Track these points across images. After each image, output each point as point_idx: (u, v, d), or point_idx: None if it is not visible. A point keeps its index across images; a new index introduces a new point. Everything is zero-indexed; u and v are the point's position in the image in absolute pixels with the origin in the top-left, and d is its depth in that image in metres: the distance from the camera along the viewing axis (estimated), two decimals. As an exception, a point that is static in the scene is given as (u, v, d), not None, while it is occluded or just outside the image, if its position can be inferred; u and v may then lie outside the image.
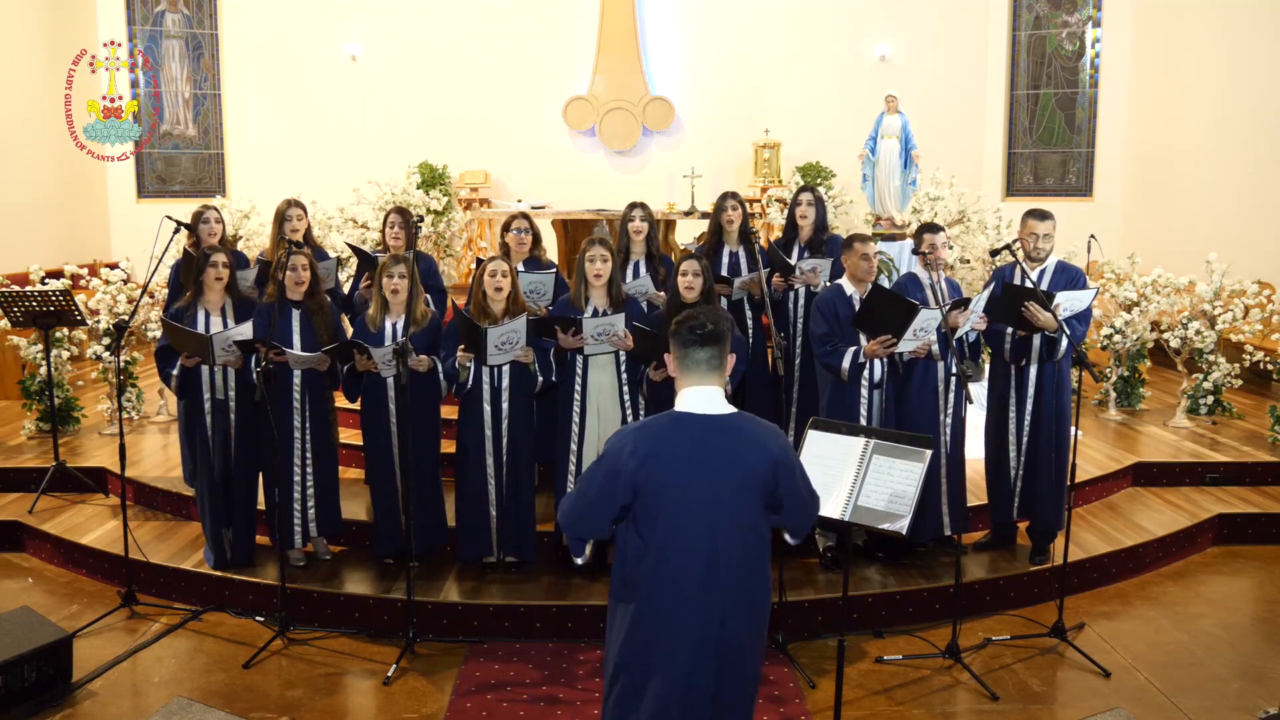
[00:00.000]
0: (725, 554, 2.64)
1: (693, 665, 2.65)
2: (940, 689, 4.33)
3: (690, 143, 11.84)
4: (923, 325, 4.77)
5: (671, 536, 2.63)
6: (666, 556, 2.64)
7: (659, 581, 2.65)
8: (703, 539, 2.62)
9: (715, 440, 2.64)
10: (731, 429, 2.67)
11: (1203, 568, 5.67)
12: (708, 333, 2.67)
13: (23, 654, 4.13)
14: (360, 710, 4.23)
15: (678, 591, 2.64)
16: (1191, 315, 7.54)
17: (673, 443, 2.64)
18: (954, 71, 11.67)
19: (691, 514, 2.62)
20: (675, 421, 2.68)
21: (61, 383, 7.06)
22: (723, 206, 5.83)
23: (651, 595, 2.66)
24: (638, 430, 2.69)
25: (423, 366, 4.92)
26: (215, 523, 5.15)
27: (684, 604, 2.64)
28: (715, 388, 2.71)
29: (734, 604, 2.67)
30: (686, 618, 2.64)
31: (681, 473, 2.61)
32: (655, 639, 2.66)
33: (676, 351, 2.72)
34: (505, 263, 5.00)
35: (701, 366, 2.68)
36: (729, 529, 2.64)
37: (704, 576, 2.63)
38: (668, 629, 2.65)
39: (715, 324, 2.68)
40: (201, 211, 5.85)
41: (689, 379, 2.71)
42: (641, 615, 2.67)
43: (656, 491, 2.62)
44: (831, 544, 5.29)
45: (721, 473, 2.63)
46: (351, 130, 11.77)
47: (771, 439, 2.71)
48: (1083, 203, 11.59)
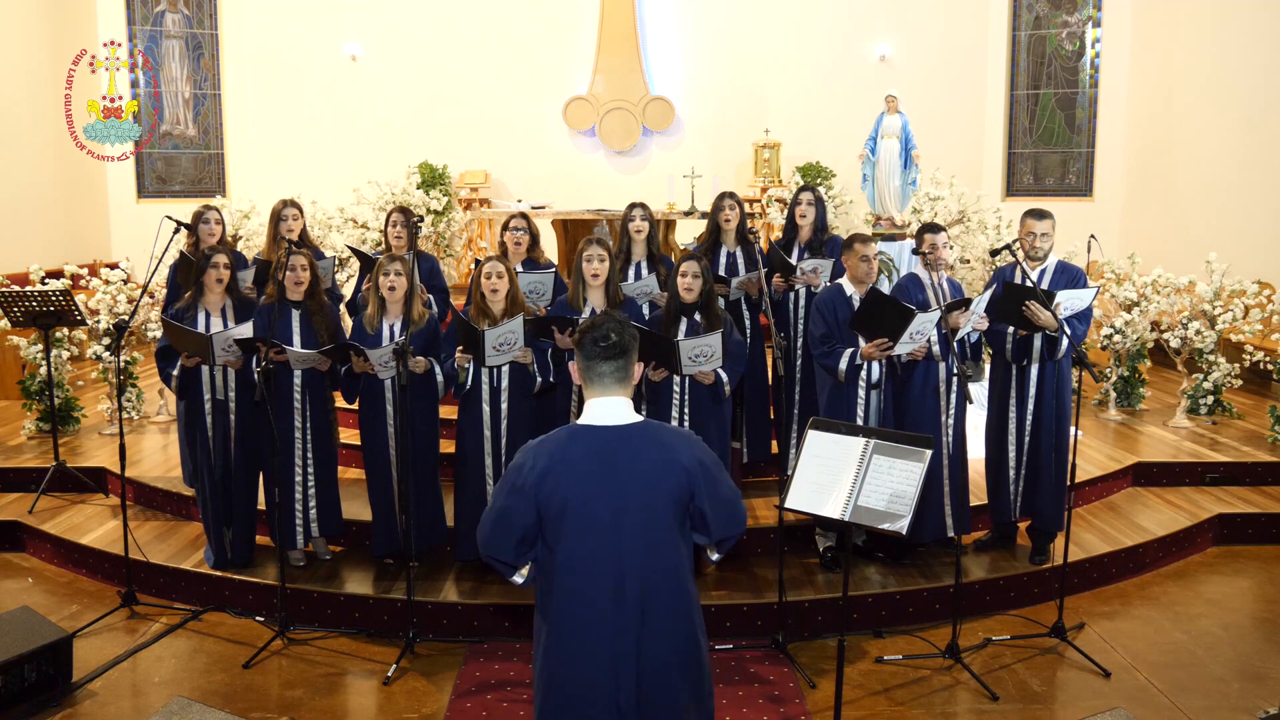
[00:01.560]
0: (635, 570, 2.51)
1: (613, 689, 2.51)
2: (940, 689, 4.33)
3: (690, 143, 11.85)
4: (919, 328, 4.77)
5: (576, 554, 2.51)
6: (573, 574, 2.52)
7: (568, 601, 2.53)
8: (609, 555, 2.50)
9: (618, 451, 2.53)
10: (636, 438, 2.55)
11: (1203, 568, 5.67)
12: (611, 344, 2.56)
13: (23, 654, 4.13)
14: (360, 710, 4.23)
15: (588, 611, 2.52)
16: (1191, 315, 7.54)
17: (571, 456, 2.52)
18: (954, 71, 11.67)
19: (595, 529, 2.50)
20: (573, 435, 2.57)
21: (61, 383, 7.06)
22: (720, 206, 5.84)
23: (562, 615, 2.54)
24: (538, 445, 2.58)
25: (420, 368, 4.91)
26: (215, 523, 5.15)
27: (595, 624, 2.51)
28: (620, 398, 2.60)
29: (652, 623, 2.53)
30: (599, 639, 2.51)
31: (582, 486, 2.50)
32: (572, 661, 2.53)
33: (580, 362, 2.61)
34: (502, 263, 4.99)
35: (606, 379, 2.58)
36: (637, 544, 2.51)
37: (613, 594, 2.50)
38: (582, 651, 2.52)
39: (619, 336, 2.57)
40: (201, 212, 5.86)
41: (593, 390, 2.60)
42: (555, 636, 2.55)
43: (559, 508, 2.50)
44: (831, 544, 5.29)
45: (626, 484, 2.51)
46: (351, 130, 11.78)
47: (683, 447, 2.58)
48: (1083, 203, 11.59)
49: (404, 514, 4.71)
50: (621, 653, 2.52)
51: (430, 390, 5.06)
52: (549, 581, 2.57)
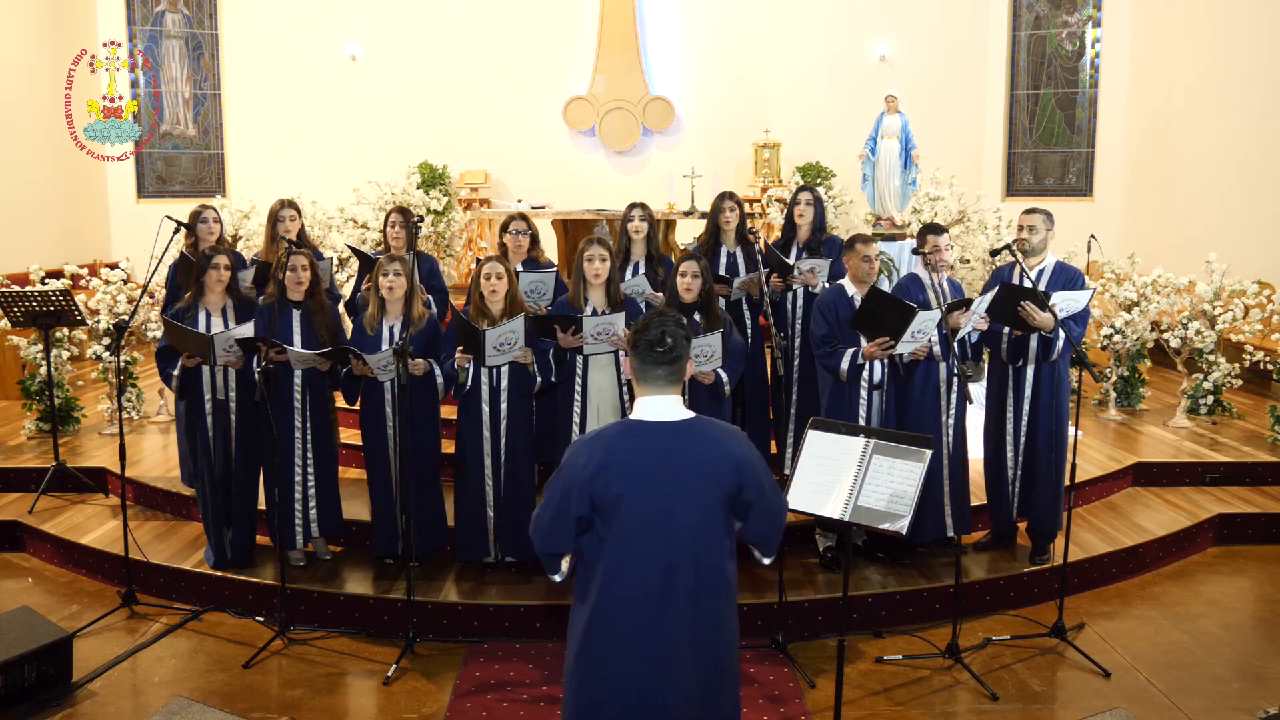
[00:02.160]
0: (684, 562, 2.56)
1: (651, 676, 2.55)
2: (940, 689, 4.33)
3: (690, 143, 11.85)
4: (920, 327, 4.77)
5: (626, 545, 2.56)
6: (622, 564, 2.56)
7: (614, 592, 2.57)
8: (659, 548, 2.55)
9: (670, 446, 2.58)
10: (687, 434, 2.61)
11: (1203, 568, 5.67)
12: (667, 350, 2.61)
13: (23, 654, 4.13)
14: (360, 710, 4.23)
15: (634, 602, 2.56)
16: (1191, 315, 7.54)
17: (625, 450, 2.58)
18: (954, 71, 11.68)
19: (647, 522, 2.55)
20: (628, 429, 2.63)
21: (61, 383, 7.06)
22: (720, 207, 5.84)
23: (607, 606, 2.57)
24: (591, 440, 2.63)
25: (420, 371, 4.91)
26: (215, 523, 5.15)
27: (644, 615, 2.56)
28: (673, 396, 2.65)
29: (702, 615, 2.58)
30: (646, 631, 2.55)
31: (635, 480, 2.55)
32: (616, 648, 2.57)
33: (634, 363, 2.66)
34: (502, 264, 4.99)
35: (660, 380, 2.64)
36: (687, 537, 2.57)
37: (662, 587, 2.55)
38: (624, 641, 2.56)
39: (675, 341, 2.62)
40: (200, 211, 5.86)
41: (646, 389, 2.66)
42: (596, 625, 2.59)
43: (612, 501, 2.55)
44: (831, 544, 5.29)
45: (678, 479, 2.56)
46: (351, 130, 11.78)
47: (732, 443, 2.64)
48: (1083, 203, 11.59)
49: (404, 514, 4.71)
50: (669, 644, 2.57)
51: (430, 390, 5.05)
52: (594, 573, 2.62)
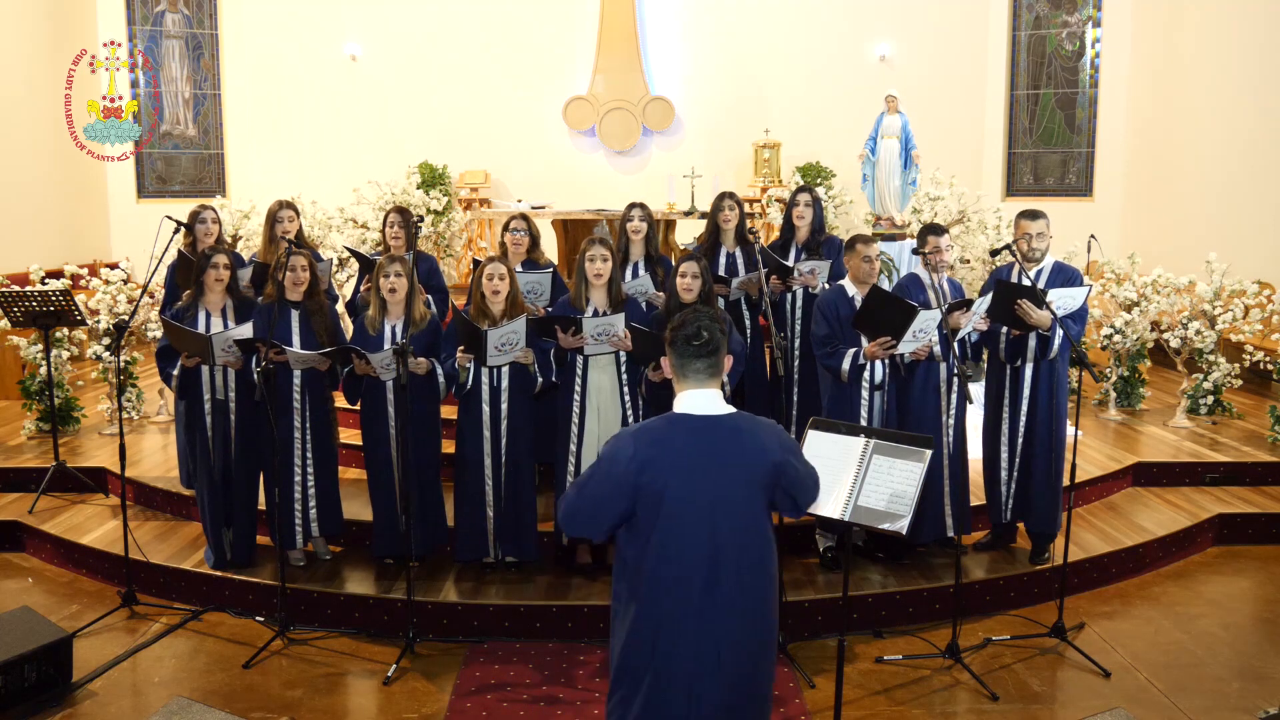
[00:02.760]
0: (727, 556, 2.62)
1: (698, 671, 2.61)
2: (940, 689, 4.33)
3: (690, 143, 11.85)
4: (922, 327, 4.77)
5: (671, 538, 2.61)
6: (667, 559, 2.61)
7: (660, 584, 2.62)
8: (703, 541, 2.61)
9: (714, 441, 2.64)
10: (730, 429, 2.67)
11: (1203, 568, 5.67)
12: (704, 343, 2.66)
13: (23, 654, 4.13)
14: (360, 710, 4.23)
15: (680, 595, 2.61)
16: (1191, 315, 7.53)
17: (671, 444, 2.63)
18: (954, 71, 11.67)
19: (691, 515, 2.60)
20: (673, 423, 2.68)
21: (61, 383, 7.06)
22: (720, 207, 5.84)
23: (653, 598, 2.62)
24: (636, 433, 2.68)
25: (421, 370, 4.91)
26: (215, 523, 5.15)
27: (686, 608, 2.61)
28: (713, 389, 2.71)
29: (739, 607, 2.64)
30: (690, 622, 2.61)
31: (681, 474, 2.60)
32: (658, 643, 2.62)
33: (674, 360, 2.72)
34: (503, 264, 4.99)
35: (701, 374, 2.69)
36: (730, 530, 2.62)
37: (706, 579, 2.61)
38: (670, 633, 2.61)
39: (711, 334, 2.68)
40: (199, 212, 5.87)
41: (686, 384, 2.71)
42: (643, 619, 2.63)
43: (657, 494, 2.60)
44: (831, 544, 5.29)
45: (721, 473, 2.62)
46: (351, 130, 11.78)
47: (771, 438, 2.70)
48: (1083, 203, 11.59)
49: (405, 514, 4.71)
50: (710, 643, 2.62)
51: (431, 390, 5.05)
52: (636, 568, 2.66)
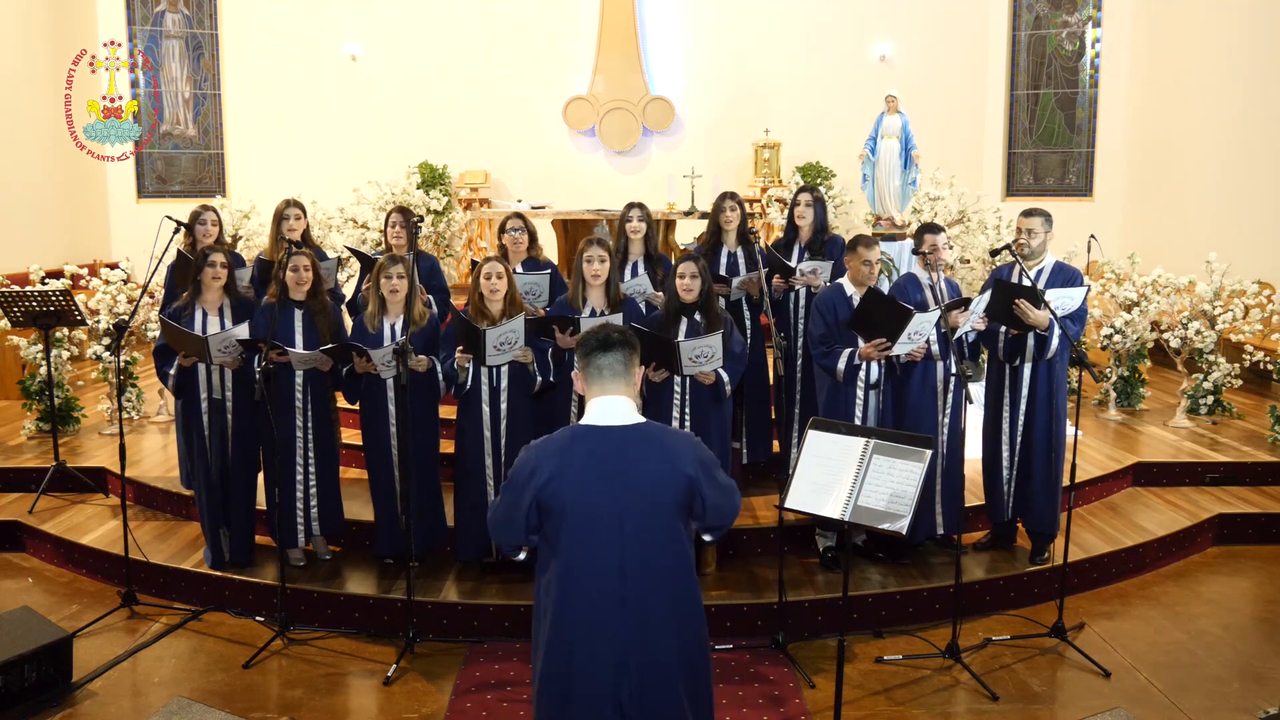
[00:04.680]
0: (636, 570, 2.53)
1: (618, 682, 2.53)
2: (940, 689, 4.33)
3: (690, 143, 11.85)
4: (917, 328, 4.77)
5: (578, 552, 2.53)
6: (575, 573, 2.54)
7: (572, 596, 2.55)
8: (611, 554, 2.52)
9: (620, 453, 2.54)
10: (638, 440, 2.57)
11: (1203, 568, 5.67)
12: (608, 337, 2.59)
13: (23, 654, 4.13)
14: (360, 710, 4.23)
15: (590, 609, 2.53)
16: (1191, 315, 7.53)
17: (574, 459, 2.54)
18: (954, 71, 11.67)
19: (597, 529, 2.52)
20: (576, 435, 2.59)
21: (61, 383, 7.06)
22: (721, 207, 5.84)
23: (564, 612, 2.55)
24: (540, 446, 2.60)
25: (421, 367, 4.92)
26: (213, 523, 5.15)
27: (598, 622, 2.53)
28: (622, 397, 2.61)
29: (654, 621, 2.55)
30: (604, 633, 2.53)
31: (584, 487, 2.52)
32: (573, 656, 2.54)
33: (579, 362, 2.64)
34: (501, 264, 4.99)
35: (604, 373, 2.59)
36: (639, 543, 2.53)
37: (616, 593, 2.52)
38: (586, 645, 2.54)
39: (620, 334, 2.61)
40: (199, 212, 5.87)
41: (594, 389, 2.62)
42: (557, 632, 2.56)
43: (559, 509, 2.52)
44: (831, 544, 5.29)
45: (628, 486, 2.53)
46: (351, 130, 11.78)
47: (684, 449, 2.60)
48: (1083, 203, 11.59)
49: (405, 514, 4.71)
50: (625, 650, 2.53)
51: (431, 390, 5.06)
52: (551, 580, 2.59)
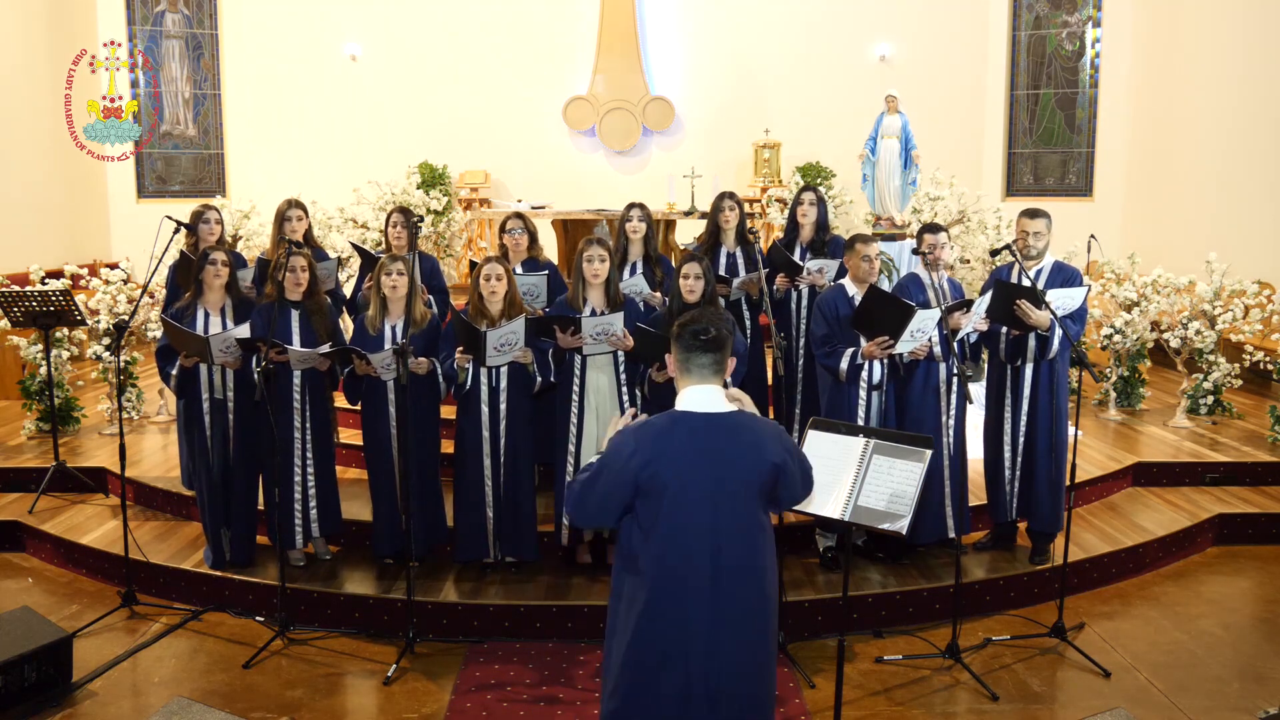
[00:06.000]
0: (729, 551, 2.66)
1: (704, 664, 2.65)
2: (940, 689, 4.33)
3: (690, 143, 11.85)
4: (920, 326, 4.76)
5: (674, 534, 2.65)
6: (670, 555, 2.65)
7: (664, 578, 2.66)
8: (705, 536, 2.64)
9: (716, 439, 2.67)
10: (732, 428, 2.69)
11: (1203, 568, 5.67)
12: (711, 339, 2.70)
13: (23, 654, 4.13)
14: (360, 710, 4.23)
15: (683, 589, 2.65)
16: (1191, 315, 7.53)
17: (673, 441, 2.66)
18: (954, 71, 11.67)
19: (692, 511, 2.64)
20: (675, 420, 2.70)
21: (61, 383, 7.06)
22: (720, 207, 5.84)
23: (657, 592, 2.66)
24: (639, 430, 2.72)
25: (422, 369, 4.91)
26: (214, 523, 5.15)
27: (690, 601, 2.64)
28: (716, 387, 2.74)
29: (740, 600, 2.67)
30: (694, 615, 2.64)
31: (682, 471, 2.63)
32: (663, 636, 2.66)
33: (678, 355, 2.75)
34: (501, 264, 4.99)
35: (705, 370, 2.72)
36: (731, 526, 2.66)
37: (709, 573, 2.64)
38: (675, 627, 2.65)
39: (718, 330, 2.72)
40: (201, 211, 5.86)
41: (689, 380, 2.75)
42: (648, 613, 2.67)
43: (659, 490, 2.64)
44: (831, 544, 5.29)
45: (722, 471, 2.65)
46: (351, 130, 11.78)
47: (772, 440, 2.72)
48: (1083, 203, 11.59)
49: (405, 514, 4.71)
50: (715, 635, 2.65)
51: (431, 390, 5.06)
52: (640, 563, 2.70)
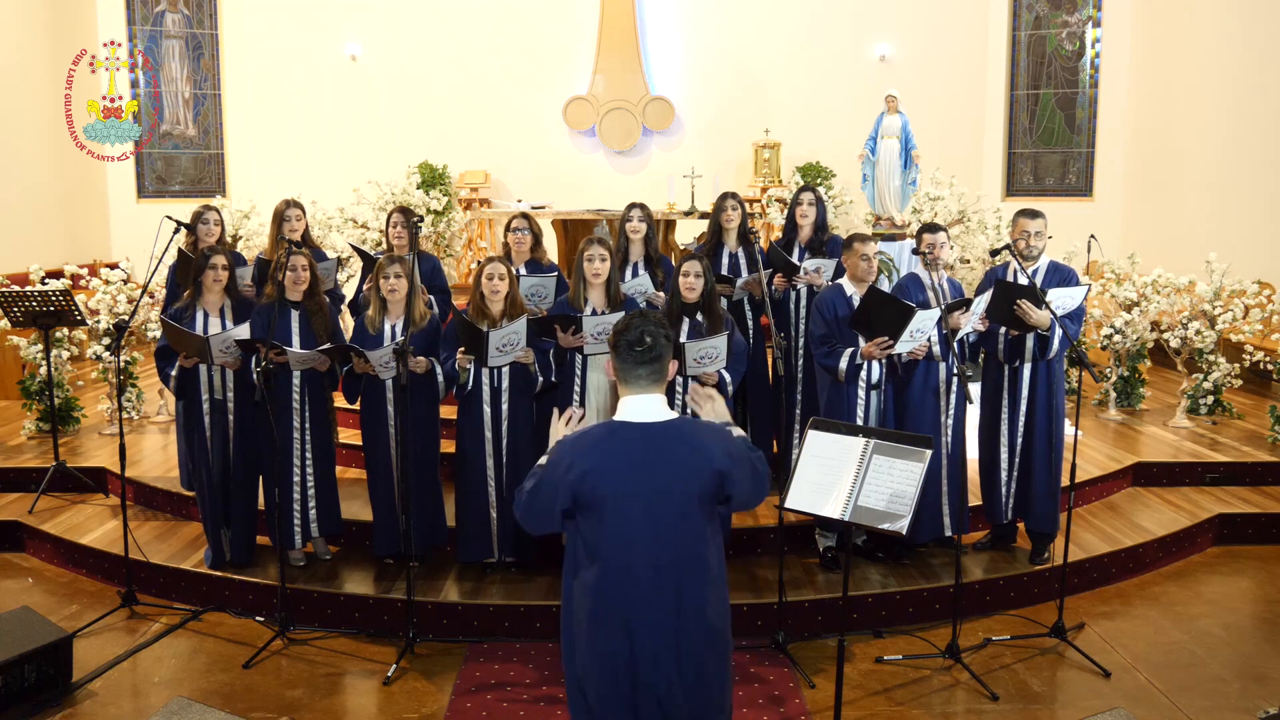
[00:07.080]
0: (671, 562, 2.60)
1: (650, 675, 2.59)
2: (940, 689, 4.33)
3: (690, 143, 11.85)
4: (919, 326, 4.76)
5: (614, 544, 2.60)
6: (611, 566, 2.60)
7: (607, 589, 2.60)
8: (646, 545, 2.59)
9: (653, 448, 2.61)
10: (671, 436, 2.64)
11: (1203, 568, 5.67)
12: (646, 349, 2.64)
13: (23, 654, 4.13)
14: (360, 710, 4.23)
15: (626, 599, 2.59)
16: (1191, 315, 7.53)
17: (609, 452, 2.61)
18: (954, 71, 11.68)
19: (632, 521, 2.58)
20: (613, 430, 2.65)
21: (61, 383, 7.06)
22: (722, 207, 5.84)
23: (601, 604, 2.61)
24: (576, 441, 2.66)
25: (421, 368, 4.92)
26: (214, 523, 5.15)
27: (635, 611, 2.59)
28: (655, 395, 2.68)
29: (685, 609, 2.61)
30: (637, 626, 2.59)
31: (619, 481, 2.58)
32: (610, 646, 2.60)
33: (616, 364, 2.69)
34: (503, 264, 4.99)
35: (642, 380, 2.66)
36: (672, 535, 2.60)
37: (651, 582, 2.59)
38: (620, 637, 2.59)
39: (654, 339, 2.65)
40: (201, 212, 5.86)
41: (628, 389, 2.68)
42: (595, 624, 2.62)
43: (597, 501, 2.59)
44: (831, 544, 5.29)
45: (660, 480, 2.59)
46: (351, 130, 11.78)
47: (714, 443, 2.66)
48: (1083, 203, 11.59)
49: (404, 514, 4.71)
50: (662, 647, 2.60)
51: (431, 390, 5.06)
52: (584, 574, 2.65)
